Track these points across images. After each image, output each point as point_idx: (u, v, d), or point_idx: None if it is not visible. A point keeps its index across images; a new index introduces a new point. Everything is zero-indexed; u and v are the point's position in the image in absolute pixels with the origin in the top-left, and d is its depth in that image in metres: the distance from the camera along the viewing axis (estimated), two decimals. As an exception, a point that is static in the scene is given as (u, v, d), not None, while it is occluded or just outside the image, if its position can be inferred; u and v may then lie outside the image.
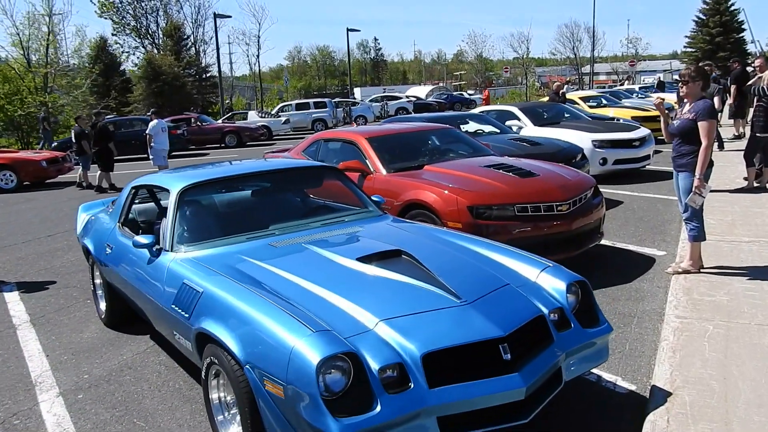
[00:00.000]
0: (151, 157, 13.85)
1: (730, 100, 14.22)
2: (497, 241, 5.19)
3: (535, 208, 5.38)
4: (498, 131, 10.08)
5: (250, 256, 3.40)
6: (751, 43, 59.24)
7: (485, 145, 7.29)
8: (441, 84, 73.92)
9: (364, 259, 3.22)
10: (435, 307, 2.78)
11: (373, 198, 4.57)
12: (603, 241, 6.44)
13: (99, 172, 13.70)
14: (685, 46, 58.98)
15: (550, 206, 5.46)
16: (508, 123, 11.41)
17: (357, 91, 59.05)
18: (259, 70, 56.55)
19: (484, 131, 10.06)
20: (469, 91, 62.27)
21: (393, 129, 7.25)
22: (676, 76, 25.12)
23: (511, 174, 5.80)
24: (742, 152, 8.99)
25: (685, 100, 5.32)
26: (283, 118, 28.35)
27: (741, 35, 56.09)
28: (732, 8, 55.15)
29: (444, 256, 3.42)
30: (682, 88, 5.23)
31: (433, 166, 6.12)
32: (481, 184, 5.55)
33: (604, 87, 40.27)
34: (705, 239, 5.27)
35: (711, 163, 5.16)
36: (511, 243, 5.23)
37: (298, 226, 3.89)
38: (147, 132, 13.84)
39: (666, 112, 5.49)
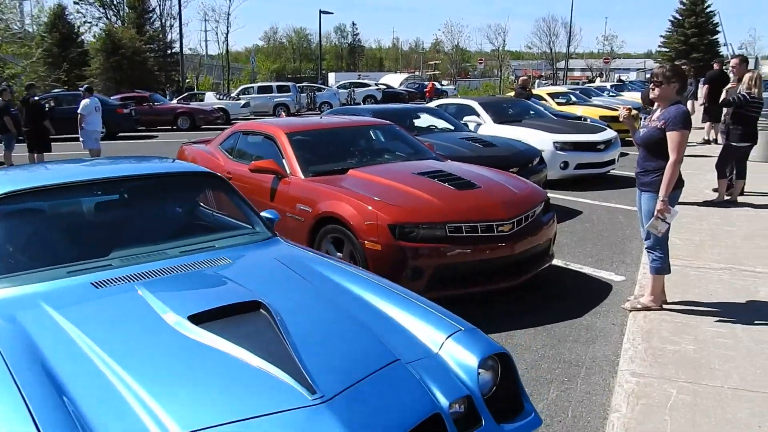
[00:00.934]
0: (81, 139, 12.63)
1: (699, 103, 13.65)
2: (426, 266, 4.43)
3: (471, 227, 4.51)
4: (452, 128, 9.20)
5: (53, 303, 2.45)
6: (724, 45, 59.34)
7: (428, 146, 6.38)
8: (417, 73, 73.06)
9: (200, 318, 2.30)
10: (272, 409, 1.88)
11: (265, 214, 3.63)
12: (554, 262, 5.63)
13: (28, 153, 12.48)
14: (659, 46, 59.01)
15: (490, 225, 4.60)
16: (466, 119, 10.56)
17: (331, 76, 57.71)
18: (227, 49, 54.68)
19: (436, 127, 9.17)
20: (444, 82, 61.43)
21: (319, 123, 6.29)
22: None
23: (447, 185, 4.91)
24: (715, 160, 8.27)
25: (656, 104, 4.49)
26: (243, 101, 27.08)
27: (715, 37, 56.14)
28: (708, 10, 55.13)
29: (318, 313, 2.51)
30: (653, 90, 4.37)
31: (359, 171, 5.19)
32: (408, 197, 4.65)
33: (578, 83, 39.73)
34: (669, 272, 4.47)
35: (680, 182, 4.34)
36: (442, 270, 4.47)
37: (147, 255, 2.93)
38: (79, 111, 12.62)
39: (635, 116, 4.66)
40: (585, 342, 4.19)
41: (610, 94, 22.32)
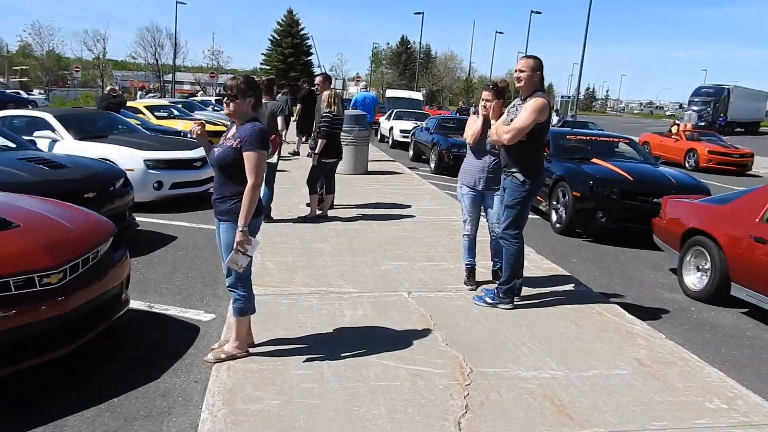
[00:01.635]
0: None
1: (294, 118, 14.23)
2: None
3: (3, 284, 3.32)
4: (13, 146, 7.47)
5: None
6: (318, 67, 65.62)
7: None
8: (1, 80, 63.03)
9: None
10: None
11: None
12: (135, 304, 4.73)
13: None
14: (261, 63, 62.15)
15: (29, 279, 3.47)
16: (38, 134, 8.81)
17: None
18: None
19: (-11, 146, 7.34)
20: (36, 91, 54.27)
21: None
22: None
23: (-43, 228, 3.59)
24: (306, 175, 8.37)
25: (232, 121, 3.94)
26: None
27: (309, 58, 61.56)
28: (302, 32, 60.17)
29: None
30: (228, 105, 3.81)
31: None
32: None
33: (186, 96, 38.95)
34: (254, 311, 3.98)
35: (261, 208, 3.88)
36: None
37: None
38: None
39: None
40: (158, 415, 3.40)
41: (215, 108, 22.16)
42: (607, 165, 8.91)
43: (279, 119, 7.74)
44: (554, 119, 30.08)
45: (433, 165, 15.20)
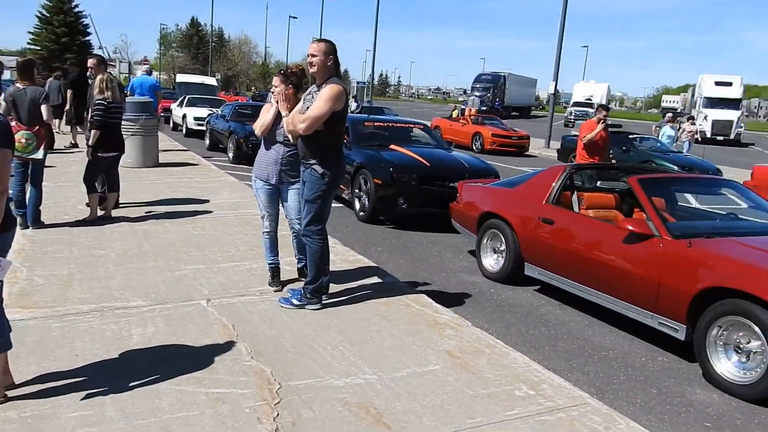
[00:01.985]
0: None
1: (67, 106, 12.73)
2: None
3: None
4: None
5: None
6: (99, 48, 60.14)
7: None
8: None
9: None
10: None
11: None
12: None
13: None
14: (29, 43, 55.37)
15: None
16: None
17: None
18: None
19: None
20: None
21: None
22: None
23: None
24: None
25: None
26: None
27: (88, 38, 56.12)
28: (77, 10, 54.52)
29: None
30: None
31: None
32: None
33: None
34: (10, 346, 3.25)
35: (11, 221, 3.15)
36: None
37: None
38: None
39: None
40: None
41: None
42: (405, 151, 9.02)
43: (43, 108, 6.67)
44: (353, 105, 30.57)
45: (231, 154, 14.49)
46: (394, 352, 4.01)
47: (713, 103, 38.19)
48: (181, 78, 28.95)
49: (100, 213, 7.28)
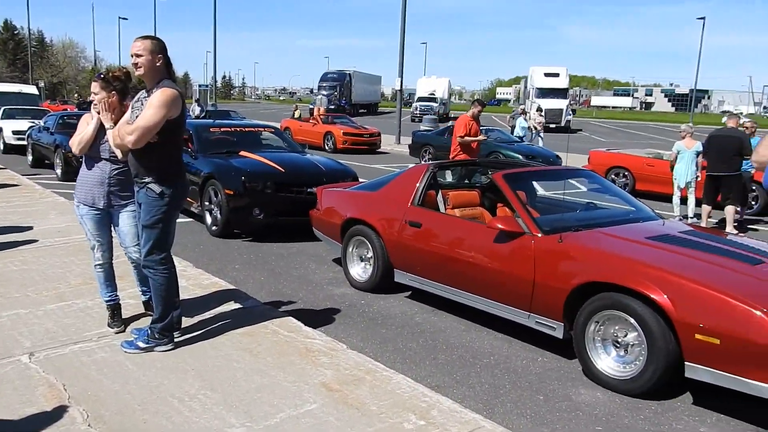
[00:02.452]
0: None
1: None
2: None
3: None
4: None
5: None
6: None
7: None
8: None
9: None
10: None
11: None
12: None
13: None
14: None
15: None
16: None
17: None
18: None
19: None
20: None
21: None
22: None
23: None
24: None
25: None
26: None
27: None
28: None
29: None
30: None
31: None
32: None
33: None
34: None
35: None
36: None
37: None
38: None
39: None
40: None
41: None
42: (257, 157, 8.42)
43: None
44: (196, 110, 29.06)
45: (59, 171, 12.96)
46: (264, 394, 3.50)
47: (544, 93, 40.86)
48: (-5, 87, 25.44)
49: None
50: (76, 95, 49.83)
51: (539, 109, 25.89)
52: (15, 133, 17.44)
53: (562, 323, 4.33)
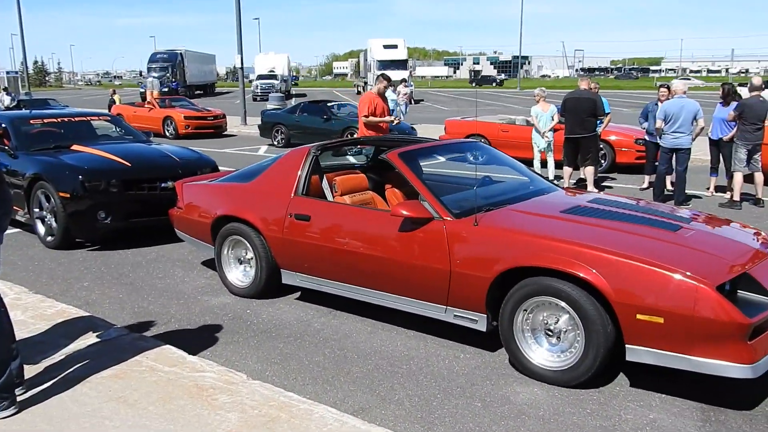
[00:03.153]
0: None
1: None
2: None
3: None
4: None
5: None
6: None
7: None
8: None
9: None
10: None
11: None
12: None
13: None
14: None
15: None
16: None
17: None
18: None
19: None
20: None
21: None
22: None
23: None
24: None
25: None
26: None
27: None
28: None
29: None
30: None
31: None
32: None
33: None
34: None
35: None
36: None
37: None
38: None
39: None
40: None
41: None
42: (94, 151, 7.20)
43: None
44: (6, 100, 25.77)
45: None
46: (154, 462, 2.71)
47: (384, 65, 40.96)
48: None
49: None
50: None
51: (403, 81, 25.25)
52: None
53: (485, 314, 3.91)
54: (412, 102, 22.73)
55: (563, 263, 3.52)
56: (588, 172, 9.82)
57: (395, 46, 42.39)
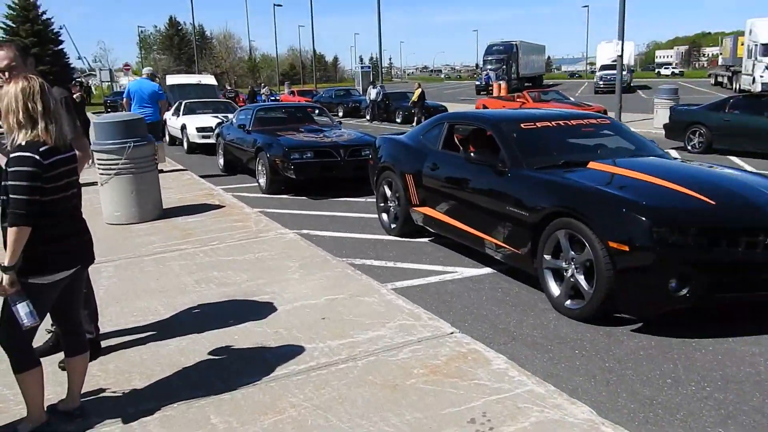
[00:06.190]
0: None
1: None
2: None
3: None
4: None
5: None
6: (78, 59, 55.75)
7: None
8: None
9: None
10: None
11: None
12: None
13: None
14: (-4, 56, 50.86)
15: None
16: None
17: None
18: None
19: None
20: None
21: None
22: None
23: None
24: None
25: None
26: None
27: (61, 47, 51.61)
28: (45, 17, 49.89)
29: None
30: None
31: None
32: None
33: None
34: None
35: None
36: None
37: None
38: None
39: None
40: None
41: None
42: (642, 176, 4.75)
43: None
44: (372, 93, 26.41)
45: (263, 181, 10.10)
46: None
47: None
48: (172, 80, 22.87)
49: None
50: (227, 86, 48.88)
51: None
52: (199, 130, 15.11)
53: None
54: None
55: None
56: None
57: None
